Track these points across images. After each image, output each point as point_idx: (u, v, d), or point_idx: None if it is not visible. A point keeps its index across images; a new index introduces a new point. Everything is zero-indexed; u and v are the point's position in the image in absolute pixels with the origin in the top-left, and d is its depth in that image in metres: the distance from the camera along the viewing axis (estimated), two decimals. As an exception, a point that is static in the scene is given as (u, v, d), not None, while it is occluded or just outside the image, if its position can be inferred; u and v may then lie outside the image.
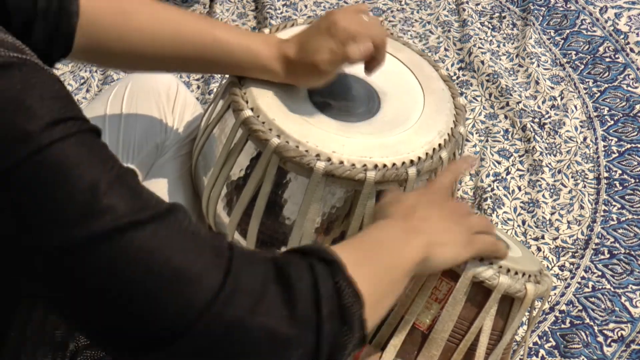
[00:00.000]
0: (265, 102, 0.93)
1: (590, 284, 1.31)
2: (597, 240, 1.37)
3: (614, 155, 1.51)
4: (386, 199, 0.83)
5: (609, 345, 1.22)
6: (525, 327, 1.14)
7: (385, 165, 0.89)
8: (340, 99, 0.98)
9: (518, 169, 1.49)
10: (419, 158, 0.91)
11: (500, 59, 1.72)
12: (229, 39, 0.92)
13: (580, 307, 1.28)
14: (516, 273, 0.85)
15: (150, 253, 0.54)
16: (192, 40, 0.91)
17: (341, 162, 0.88)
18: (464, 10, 1.81)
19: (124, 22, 0.87)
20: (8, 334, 0.66)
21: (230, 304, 0.55)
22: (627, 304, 1.27)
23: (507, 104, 1.60)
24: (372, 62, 0.96)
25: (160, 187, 1.08)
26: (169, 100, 1.10)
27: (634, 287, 1.30)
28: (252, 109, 0.92)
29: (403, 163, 0.90)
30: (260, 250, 0.63)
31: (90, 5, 0.84)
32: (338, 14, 0.92)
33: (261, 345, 0.57)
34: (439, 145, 0.94)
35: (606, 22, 1.77)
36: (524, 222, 1.40)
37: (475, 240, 0.82)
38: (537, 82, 1.65)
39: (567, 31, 1.78)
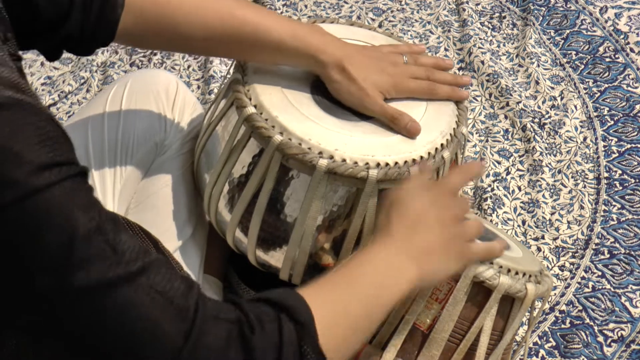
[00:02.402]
0: (268, 99, 0.93)
1: (590, 284, 1.31)
2: (597, 240, 1.37)
3: (614, 155, 1.51)
4: (391, 198, 0.83)
5: (609, 345, 1.22)
6: (525, 327, 1.14)
7: (387, 164, 0.89)
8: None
9: (518, 169, 1.49)
10: (421, 157, 0.91)
11: (500, 59, 1.72)
12: (278, 25, 0.92)
13: (580, 307, 1.27)
14: (517, 273, 0.85)
15: (117, 314, 0.56)
16: (243, 26, 0.91)
17: (343, 160, 0.88)
18: (464, 10, 1.81)
19: (174, 8, 0.88)
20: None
21: None
22: (627, 304, 1.27)
23: (507, 104, 1.60)
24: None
25: (160, 186, 1.08)
26: (169, 99, 1.10)
27: (634, 287, 1.30)
28: (255, 106, 0.92)
29: (405, 162, 0.90)
30: (228, 302, 0.65)
31: None
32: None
33: None
34: (441, 145, 0.94)
35: (606, 22, 1.77)
36: (524, 222, 1.40)
37: (468, 250, 0.82)
38: (537, 82, 1.65)
39: (567, 31, 1.78)
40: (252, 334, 0.61)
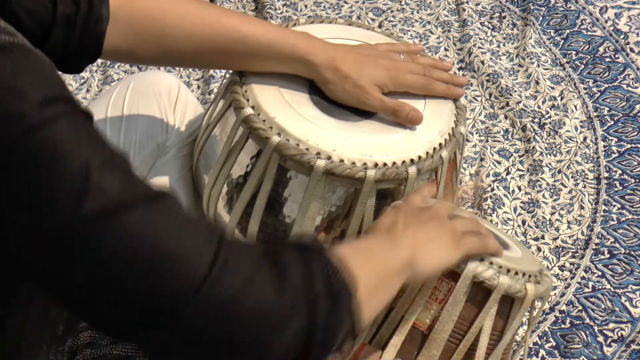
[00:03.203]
0: (266, 100, 0.93)
1: (590, 284, 1.31)
2: (597, 240, 1.37)
3: (614, 155, 1.51)
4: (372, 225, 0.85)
5: (609, 345, 1.22)
6: (525, 327, 1.14)
7: (385, 164, 0.89)
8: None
9: (518, 169, 1.49)
10: (419, 157, 0.91)
11: (500, 59, 1.72)
12: (268, 32, 0.92)
13: (580, 307, 1.27)
14: (516, 273, 0.85)
15: (141, 235, 0.55)
16: (229, 36, 0.91)
17: (341, 161, 0.88)
18: (464, 10, 1.81)
19: (160, 20, 0.88)
20: (6, 323, 0.67)
21: (220, 283, 0.56)
22: (627, 304, 1.27)
23: (507, 104, 1.60)
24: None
25: (161, 187, 1.08)
26: (170, 100, 1.10)
27: (634, 287, 1.30)
28: (253, 107, 0.92)
29: (403, 162, 0.90)
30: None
31: (124, 6, 0.84)
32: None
33: (252, 324, 0.57)
34: (440, 144, 0.94)
35: (606, 22, 1.77)
36: (524, 222, 1.40)
37: (462, 240, 0.82)
38: (537, 82, 1.65)
39: (567, 31, 1.78)
40: (281, 256, 0.60)
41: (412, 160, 0.91)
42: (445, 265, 0.81)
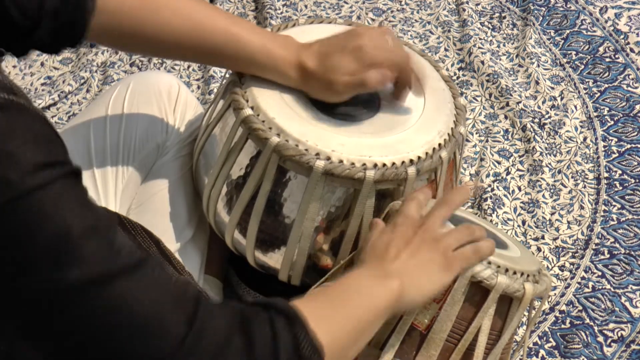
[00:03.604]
0: (265, 101, 0.93)
1: (590, 284, 1.31)
2: (597, 241, 1.37)
3: (614, 156, 1.51)
4: (363, 243, 0.84)
5: (609, 346, 1.22)
6: (524, 327, 1.14)
7: (384, 165, 0.89)
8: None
9: (518, 169, 1.49)
10: (419, 157, 0.91)
11: (500, 59, 1.72)
12: (251, 39, 0.92)
13: (580, 307, 1.27)
14: (515, 273, 0.85)
15: (118, 306, 0.56)
16: (213, 36, 0.91)
17: (340, 161, 0.88)
18: (464, 10, 1.81)
19: (145, 15, 0.88)
20: None
21: (193, 354, 0.58)
22: (627, 304, 1.27)
23: (507, 104, 1.60)
24: (399, 88, 0.96)
25: (161, 188, 1.08)
26: (170, 100, 1.10)
27: (634, 287, 1.30)
28: (252, 108, 0.92)
29: (402, 162, 0.90)
30: (224, 301, 0.67)
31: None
32: (365, 37, 0.91)
33: None
34: (439, 145, 0.94)
35: (606, 22, 1.77)
36: (524, 222, 1.40)
37: (454, 260, 0.81)
38: (537, 82, 1.65)
39: (567, 31, 1.78)
40: (249, 324, 0.62)
41: (411, 161, 0.91)
42: (436, 291, 0.81)
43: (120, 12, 0.86)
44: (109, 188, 1.04)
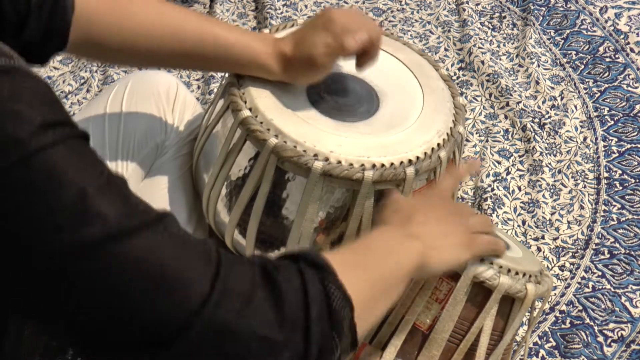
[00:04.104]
0: (263, 102, 0.93)
1: (591, 284, 1.31)
2: (597, 241, 1.37)
3: (614, 155, 1.51)
4: (386, 202, 0.83)
5: (609, 346, 1.22)
6: (525, 327, 1.14)
7: (383, 165, 0.89)
8: (339, 98, 0.98)
9: (518, 169, 1.49)
10: (417, 158, 0.91)
11: (500, 59, 1.71)
12: (228, 37, 0.92)
13: (580, 307, 1.27)
14: (517, 273, 0.85)
15: (141, 260, 0.55)
16: (191, 38, 0.91)
17: (339, 162, 0.88)
18: (464, 10, 1.81)
19: (122, 18, 0.88)
20: (2, 342, 0.66)
21: (219, 307, 0.56)
22: (627, 304, 1.27)
23: (507, 104, 1.60)
24: (364, 56, 0.96)
25: (160, 187, 1.08)
26: (169, 100, 1.10)
27: (634, 287, 1.29)
28: (250, 109, 0.92)
29: (401, 163, 0.90)
30: (249, 255, 0.65)
31: (87, 0, 0.84)
32: (334, 11, 0.93)
33: (250, 347, 0.57)
34: (438, 144, 0.94)
35: (606, 22, 1.77)
36: (524, 222, 1.40)
37: (475, 240, 0.82)
38: (537, 82, 1.65)
39: (567, 31, 1.78)
40: (277, 277, 0.60)
41: (409, 161, 0.90)
42: (455, 265, 0.81)
43: (94, 16, 0.85)
44: (109, 188, 1.04)
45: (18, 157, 0.51)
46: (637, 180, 1.46)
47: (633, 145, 1.52)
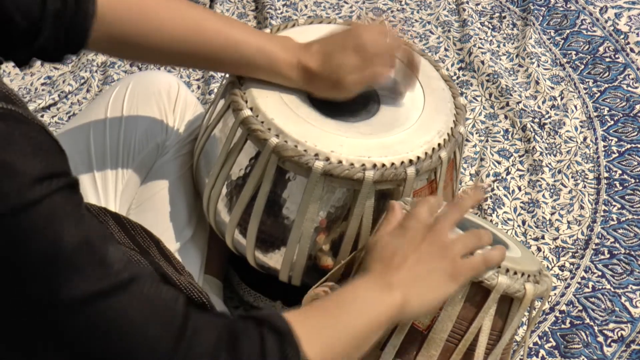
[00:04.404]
0: (264, 101, 0.93)
1: (590, 284, 1.31)
2: (597, 241, 1.37)
3: (614, 155, 1.51)
4: (367, 247, 0.83)
5: (609, 346, 1.22)
6: (525, 327, 1.14)
7: (384, 165, 0.89)
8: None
9: (518, 169, 1.49)
10: (418, 158, 0.91)
11: (500, 59, 1.72)
12: (249, 42, 0.92)
13: (580, 307, 1.27)
14: (515, 273, 0.85)
15: (108, 323, 0.56)
16: (210, 41, 0.91)
17: (340, 162, 0.88)
18: (464, 10, 1.81)
19: (143, 20, 0.88)
20: None
21: None
22: (627, 304, 1.27)
23: (507, 104, 1.60)
24: (407, 81, 0.97)
25: (161, 187, 1.08)
26: (170, 100, 1.10)
27: (634, 287, 1.30)
28: (251, 109, 0.92)
29: (402, 163, 0.90)
30: (214, 313, 0.67)
31: (109, 3, 0.84)
32: (365, 34, 0.92)
33: None
34: (438, 144, 0.94)
35: (606, 22, 1.77)
36: (524, 222, 1.40)
37: (461, 269, 0.79)
38: (537, 82, 1.65)
39: (567, 31, 1.78)
40: (238, 340, 0.62)
41: (410, 161, 0.91)
42: (440, 302, 0.81)
43: (117, 18, 0.85)
44: (109, 188, 1.04)
45: (4, 210, 0.52)
46: (637, 180, 1.46)
47: (633, 145, 1.52)
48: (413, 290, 0.77)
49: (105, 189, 1.04)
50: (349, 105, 0.96)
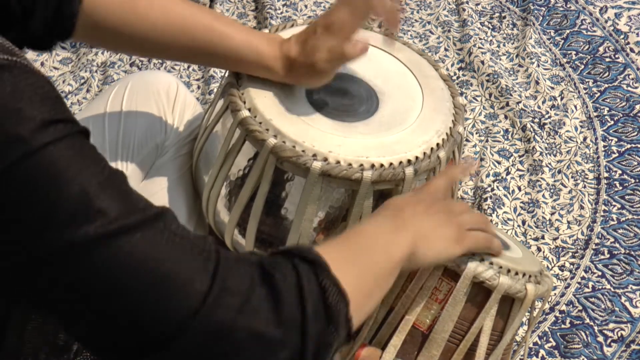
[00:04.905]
0: (262, 102, 0.93)
1: (590, 284, 1.31)
2: (597, 241, 1.37)
3: (614, 155, 1.51)
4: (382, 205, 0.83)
5: (609, 346, 1.22)
6: (525, 327, 1.14)
7: (382, 165, 0.89)
8: (338, 98, 0.98)
9: (518, 169, 1.49)
10: (416, 157, 0.91)
11: (500, 59, 1.71)
12: (234, 36, 0.92)
13: (580, 307, 1.27)
14: (516, 273, 0.85)
15: (140, 259, 0.54)
16: (196, 33, 0.91)
17: (338, 162, 0.88)
18: (464, 10, 1.81)
19: (130, 10, 0.88)
20: (5, 336, 0.66)
21: (217, 306, 0.56)
22: (627, 304, 1.27)
23: (507, 104, 1.60)
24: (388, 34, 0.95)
25: (160, 187, 1.08)
26: (169, 100, 1.10)
27: (634, 287, 1.29)
28: (249, 110, 0.92)
29: (400, 163, 0.90)
30: (246, 252, 0.65)
31: None
32: (334, 13, 0.91)
33: (248, 346, 0.57)
34: (437, 144, 0.93)
35: (606, 22, 1.77)
36: (524, 222, 1.40)
37: (466, 236, 0.81)
38: (537, 82, 1.65)
39: (567, 31, 1.78)
40: (274, 274, 0.60)
41: (408, 161, 0.90)
42: (445, 258, 0.81)
43: (102, 4, 0.86)
44: (109, 188, 1.04)
45: (20, 154, 0.51)
46: (637, 180, 1.46)
47: (633, 145, 1.52)
48: (422, 236, 0.77)
49: (104, 189, 1.04)
50: (347, 105, 0.96)
